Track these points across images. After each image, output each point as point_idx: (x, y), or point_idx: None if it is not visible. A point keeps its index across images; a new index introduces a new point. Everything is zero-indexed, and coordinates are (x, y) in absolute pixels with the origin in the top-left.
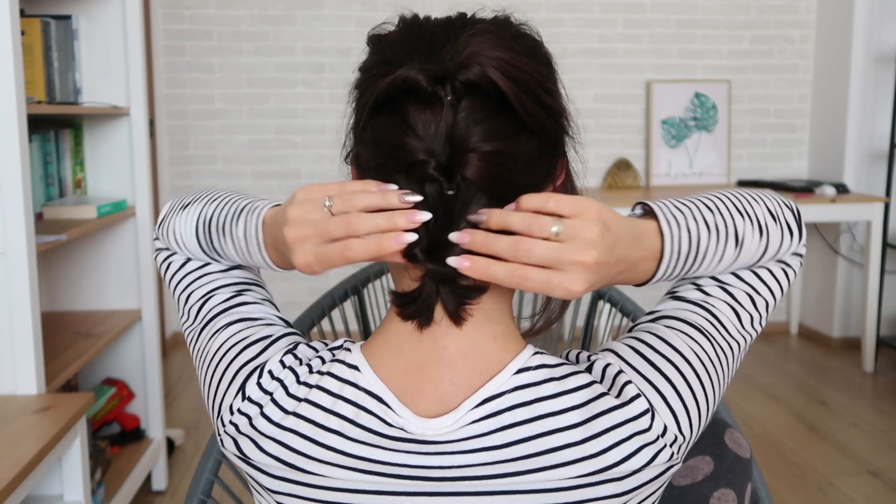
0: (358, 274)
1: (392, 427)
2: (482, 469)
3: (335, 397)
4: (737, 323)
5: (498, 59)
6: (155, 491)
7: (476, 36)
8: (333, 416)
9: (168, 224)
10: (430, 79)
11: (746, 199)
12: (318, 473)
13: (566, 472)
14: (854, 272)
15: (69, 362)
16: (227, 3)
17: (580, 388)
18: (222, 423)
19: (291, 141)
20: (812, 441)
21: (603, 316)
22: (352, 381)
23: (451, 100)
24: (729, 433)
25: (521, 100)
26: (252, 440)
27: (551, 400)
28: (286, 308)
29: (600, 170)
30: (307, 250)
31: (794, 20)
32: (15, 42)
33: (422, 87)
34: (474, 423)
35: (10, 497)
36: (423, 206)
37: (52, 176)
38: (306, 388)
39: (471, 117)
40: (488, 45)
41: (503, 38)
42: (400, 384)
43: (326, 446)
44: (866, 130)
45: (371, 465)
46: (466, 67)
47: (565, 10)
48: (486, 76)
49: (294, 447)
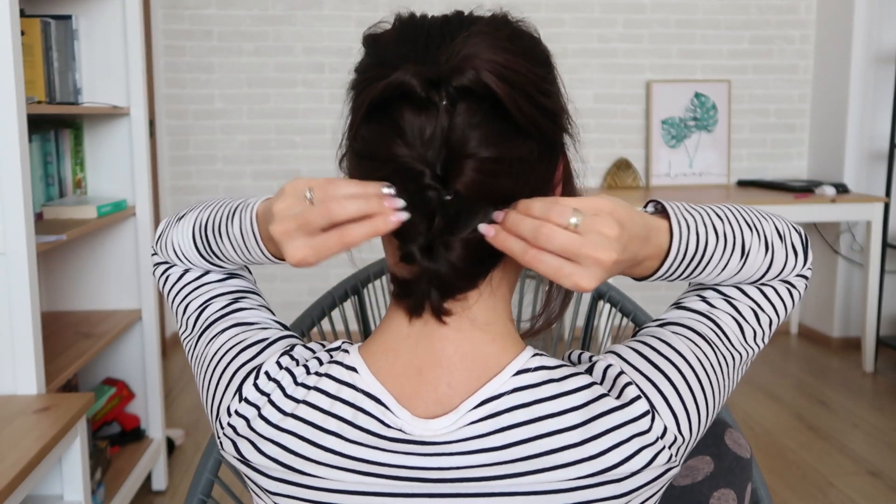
0: (358, 274)
1: (390, 428)
2: (481, 470)
3: (333, 399)
4: (740, 335)
5: (493, 61)
6: (155, 491)
7: (472, 37)
8: (331, 418)
9: (165, 237)
10: (425, 83)
11: (756, 216)
12: (316, 475)
13: (566, 474)
14: (854, 272)
15: (69, 362)
16: (227, 3)
17: (580, 390)
18: (220, 425)
19: (291, 141)
20: (812, 441)
21: (603, 316)
22: (350, 383)
23: (445, 104)
24: (729, 433)
25: (516, 103)
26: (250, 442)
27: (551, 401)
28: (286, 308)
29: (600, 170)
30: (298, 245)
31: (794, 20)
32: (15, 42)
33: (416, 92)
34: (473, 424)
35: (10, 497)
36: (424, 211)
37: (52, 176)
38: (304, 390)
39: (466, 122)
40: (484, 47)
41: (499, 39)
42: (398, 386)
43: (325, 448)
44: (866, 130)
45: (369, 467)
46: (461, 72)
47: (565, 10)
48: (480, 81)
49: (292, 449)
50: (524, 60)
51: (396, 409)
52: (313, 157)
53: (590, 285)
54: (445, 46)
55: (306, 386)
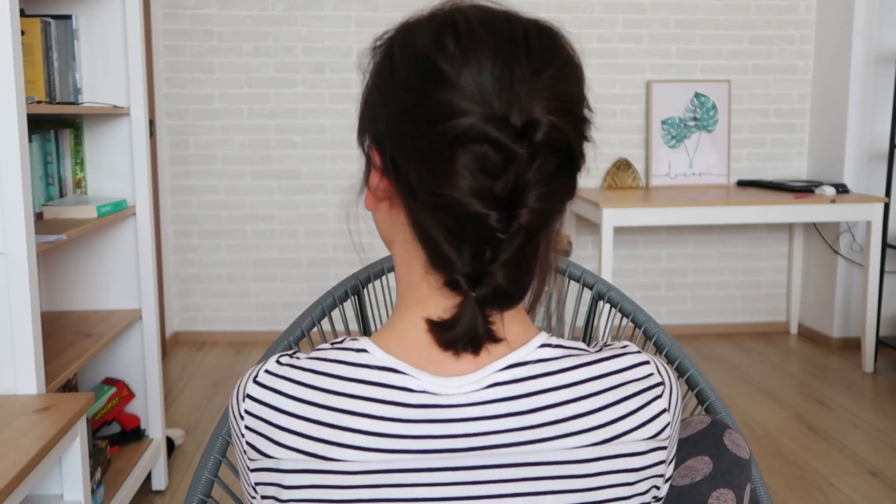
0: (358, 274)
1: (414, 393)
2: (506, 436)
3: (346, 381)
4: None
5: (561, 110)
6: (155, 491)
7: (540, 79)
8: (349, 399)
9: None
10: (510, 136)
11: None
12: (339, 459)
13: (586, 439)
14: (854, 272)
15: (69, 362)
16: (227, 3)
17: (601, 361)
18: (240, 432)
19: (291, 141)
20: (812, 441)
21: (603, 316)
22: (362, 363)
23: (524, 154)
24: (728, 434)
25: (581, 148)
26: (267, 437)
27: (575, 370)
28: (286, 308)
29: (600, 170)
30: None
31: (794, 20)
32: (15, 42)
33: (500, 142)
34: (498, 386)
35: (10, 497)
36: (473, 238)
37: (52, 176)
38: (313, 375)
39: (537, 171)
40: (551, 95)
41: (560, 76)
42: (415, 359)
43: (346, 429)
44: (866, 130)
45: (394, 442)
46: (537, 128)
47: (565, 10)
48: (560, 136)
49: (312, 435)
50: (577, 93)
51: (416, 373)
52: (313, 157)
53: None
54: (514, 87)
55: (316, 372)
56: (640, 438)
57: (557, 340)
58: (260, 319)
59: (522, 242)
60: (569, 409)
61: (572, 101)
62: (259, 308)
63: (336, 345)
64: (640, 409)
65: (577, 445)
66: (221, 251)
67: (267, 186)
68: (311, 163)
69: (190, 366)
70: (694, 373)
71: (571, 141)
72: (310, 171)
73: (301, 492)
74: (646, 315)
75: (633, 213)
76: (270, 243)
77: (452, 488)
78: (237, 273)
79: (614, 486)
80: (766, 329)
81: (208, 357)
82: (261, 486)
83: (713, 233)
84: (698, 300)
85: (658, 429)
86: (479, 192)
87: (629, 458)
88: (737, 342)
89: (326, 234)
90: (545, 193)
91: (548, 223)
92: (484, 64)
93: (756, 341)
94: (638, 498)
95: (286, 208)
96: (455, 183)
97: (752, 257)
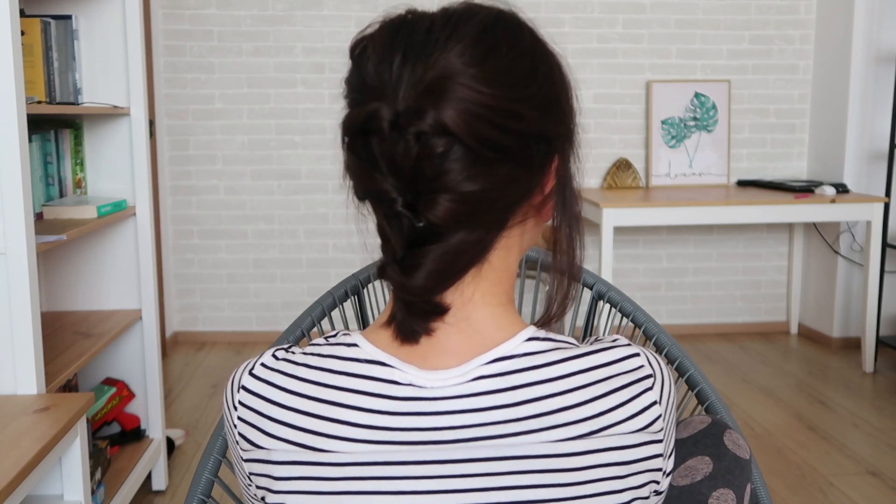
0: (358, 274)
1: (400, 385)
2: (491, 429)
3: (336, 374)
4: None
5: (462, 100)
6: (155, 491)
7: (446, 62)
8: (339, 391)
9: None
10: (391, 122)
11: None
12: (328, 450)
13: (570, 432)
14: (854, 272)
15: (69, 362)
16: (227, 3)
17: (589, 354)
18: (233, 423)
19: (291, 141)
20: (812, 441)
21: (603, 316)
22: (353, 357)
23: (412, 140)
24: (728, 434)
25: (479, 139)
26: (258, 428)
27: (562, 364)
28: (286, 308)
29: (600, 170)
30: None
31: (794, 20)
32: (15, 42)
33: (384, 129)
34: (483, 380)
35: (10, 497)
36: (397, 230)
37: (52, 176)
38: (306, 369)
39: (434, 156)
40: (456, 77)
41: (475, 59)
42: (402, 353)
43: (336, 420)
44: (866, 130)
45: (381, 434)
46: (422, 115)
47: (565, 11)
48: (441, 123)
49: (303, 427)
50: (494, 87)
51: (403, 366)
52: (313, 158)
53: None
54: (420, 67)
55: (309, 365)
56: (629, 431)
57: (546, 334)
58: (260, 319)
59: (443, 233)
60: (555, 402)
61: (479, 90)
62: (259, 308)
63: (329, 339)
64: (629, 402)
65: (562, 438)
66: (221, 251)
67: (267, 186)
68: (311, 163)
69: (190, 366)
70: (694, 373)
71: (455, 130)
72: (310, 172)
73: (292, 483)
74: (646, 315)
75: (633, 213)
76: (270, 243)
77: (438, 481)
78: (237, 273)
79: (604, 479)
80: (766, 329)
81: (208, 357)
82: (255, 477)
83: (713, 233)
84: (698, 300)
85: (648, 421)
86: (385, 176)
87: (619, 451)
88: (737, 342)
89: (326, 234)
90: (458, 192)
91: (473, 216)
92: (384, 55)
93: (756, 341)
94: (632, 492)
95: (286, 208)
96: (365, 169)
97: (752, 257)
